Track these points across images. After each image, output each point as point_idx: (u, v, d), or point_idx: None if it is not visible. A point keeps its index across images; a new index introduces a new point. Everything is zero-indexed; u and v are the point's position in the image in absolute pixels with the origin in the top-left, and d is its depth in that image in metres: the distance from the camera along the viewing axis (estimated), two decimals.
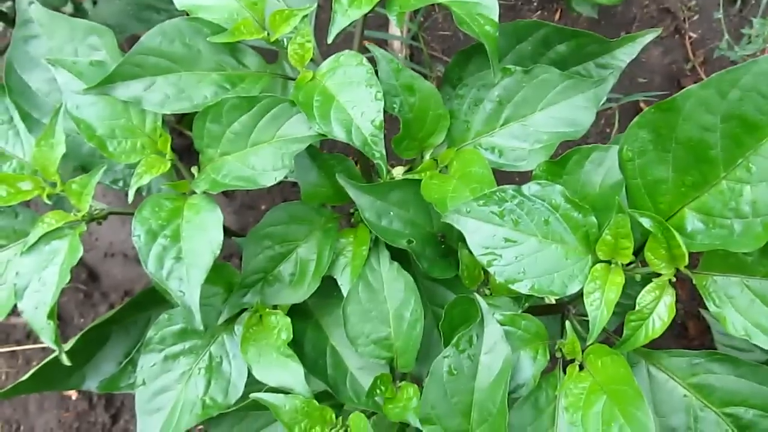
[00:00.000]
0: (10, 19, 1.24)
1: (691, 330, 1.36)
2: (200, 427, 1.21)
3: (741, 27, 1.45)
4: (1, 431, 1.45)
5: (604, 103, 1.47)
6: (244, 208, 1.53)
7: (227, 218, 1.53)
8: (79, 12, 1.47)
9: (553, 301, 0.77)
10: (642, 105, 1.50)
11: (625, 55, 0.79)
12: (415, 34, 1.47)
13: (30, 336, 1.49)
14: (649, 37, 0.78)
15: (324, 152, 0.75)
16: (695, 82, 1.58)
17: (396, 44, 1.50)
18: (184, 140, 1.02)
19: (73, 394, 1.44)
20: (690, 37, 1.53)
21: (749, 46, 1.33)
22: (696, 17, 1.53)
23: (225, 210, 1.51)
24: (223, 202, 1.51)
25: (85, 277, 1.52)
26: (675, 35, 1.55)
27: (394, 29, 1.49)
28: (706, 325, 1.20)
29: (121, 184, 0.83)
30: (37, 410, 1.45)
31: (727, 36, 1.44)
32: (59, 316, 1.51)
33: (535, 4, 1.57)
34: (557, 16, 1.56)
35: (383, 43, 1.51)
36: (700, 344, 1.32)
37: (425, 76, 1.46)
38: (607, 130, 1.51)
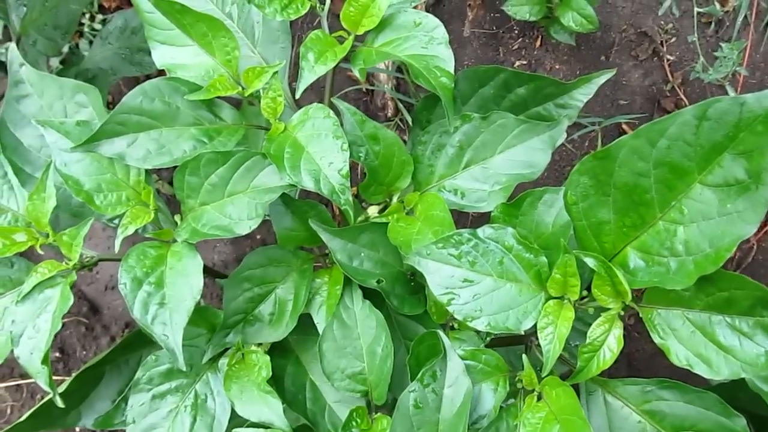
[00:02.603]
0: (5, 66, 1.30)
1: None
2: None
3: (716, 49, 1.49)
4: None
5: (586, 126, 1.51)
6: (241, 238, 1.57)
7: (224, 248, 1.58)
8: (74, 55, 1.53)
9: (522, 332, 0.81)
10: (624, 126, 1.54)
11: (582, 95, 0.84)
12: (400, 66, 1.52)
13: None
14: (603, 78, 0.82)
15: (298, 199, 0.80)
16: (675, 103, 1.61)
17: (382, 76, 1.55)
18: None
19: (76, 429, 1.48)
20: (668, 60, 1.57)
21: (721, 68, 1.37)
22: (673, 40, 1.57)
23: (222, 240, 1.56)
24: (218, 239, 1.56)
25: (87, 310, 1.57)
26: (653, 58, 1.59)
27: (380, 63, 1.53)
28: None
29: (116, 221, 0.88)
30: None
31: (702, 58, 1.48)
32: (62, 349, 1.55)
33: (516, 32, 1.61)
34: (538, 43, 1.61)
35: (370, 76, 1.57)
36: None
37: (410, 105, 1.51)
38: (591, 152, 1.55)
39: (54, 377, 1.53)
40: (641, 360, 1.50)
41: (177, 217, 0.79)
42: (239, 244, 1.59)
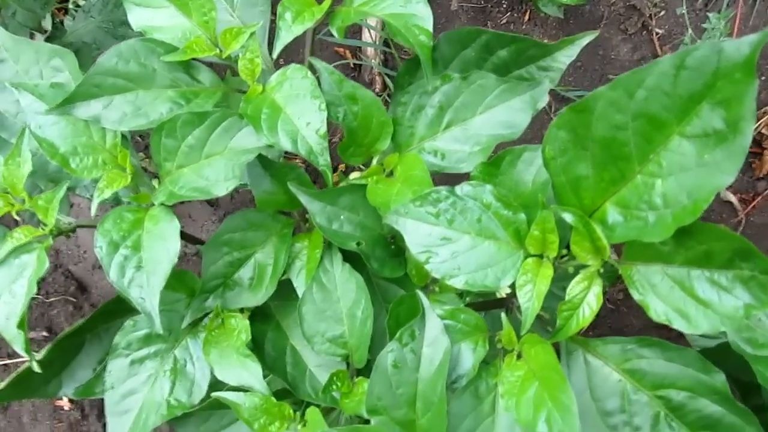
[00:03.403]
0: None
1: None
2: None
3: (704, 21, 1.48)
4: None
5: (575, 100, 1.50)
6: (228, 216, 1.56)
7: (212, 226, 1.57)
8: (58, 30, 1.52)
9: (504, 295, 0.81)
10: None
11: (564, 57, 0.82)
12: (387, 40, 1.51)
13: None
14: (586, 40, 0.81)
15: (277, 162, 0.79)
16: None
17: (370, 51, 1.54)
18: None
19: (66, 404, 1.48)
20: (657, 33, 1.56)
21: (709, 40, 1.36)
22: (662, 13, 1.56)
23: (210, 218, 1.55)
24: (208, 211, 1.55)
25: (74, 289, 1.56)
26: (642, 31, 1.58)
27: (367, 36, 1.52)
28: None
29: (91, 194, 0.87)
30: (30, 421, 1.48)
31: (690, 31, 1.47)
32: (49, 328, 1.55)
33: (504, 5, 1.60)
34: (527, 17, 1.60)
35: (357, 50, 1.55)
36: (680, 332, 1.36)
37: None
38: None
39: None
40: (630, 334, 1.50)
41: (155, 182, 0.78)
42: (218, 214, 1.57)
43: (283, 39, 0.73)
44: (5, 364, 1.55)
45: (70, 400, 1.49)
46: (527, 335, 0.66)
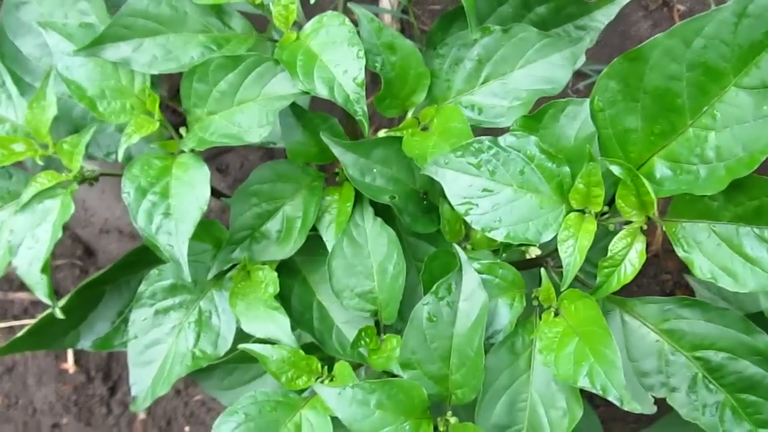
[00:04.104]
0: None
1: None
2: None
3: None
4: (0, 405, 1.47)
5: (592, 75, 1.48)
6: (238, 183, 1.54)
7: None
8: None
9: (534, 256, 0.80)
10: None
11: (603, 16, 0.81)
12: (405, 8, 1.49)
13: (27, 311, 1.51)
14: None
15: (310, 111, 0.77)
16: None
17: (387, 18, 1.52)
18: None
19: (71, 367, 1.46)
20: (678, 10, 1.54)
21: None
22: None
23: (219, 185, 1.53)
24: (217, 177, 1.53)
25: (81, 253, 1.54)
26: (663, 8, 1.56)
27: (385, 3, 1.50)
28: (693, 295, 1.22)
29: (114, 157, 0.85)
30: (35, 384, 1.47)
31: (714, 7, 1.45)
32: (57, 292, 1.53)
33: None
34: None
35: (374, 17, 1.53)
36: None
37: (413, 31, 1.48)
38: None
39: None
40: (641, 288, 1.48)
41: (182, 131, 0.77)
42: (235, 189, 1.56)
43: None
44: (11, 327, 1.53)
45: (76, 362, 1.48)
46: (568, 291, 0.65)
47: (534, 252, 0.78)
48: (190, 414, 1.43)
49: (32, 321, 1.50)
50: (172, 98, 1.13)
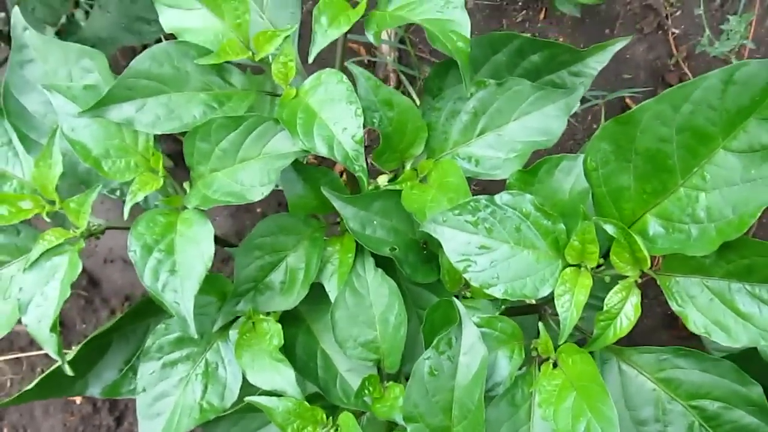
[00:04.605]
0: (5, 35, 1.28)
1: (682, 323, 1.40)
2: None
3: (722, 22, 1.48)
4: None
5: (590, 100, 1.50)
6: (241, 211, 1.56)
7: (224, 221, 1.57)
8: (71, 25, 1.51)
9: (533, 302, 0.81)
10: (627, 101, 1.53)
11: (596, 62, 0.83)
12: (402, 38, 1.50)
13: (33, 343, 1.53)
14: (619, 45, 0.82)
15: (310, 166, 0.79)
16: (679, 77, 1.60)
17: (385, 47, 1.54)
18: (181, 146, 1.06)
19: (78, 398, 1.48)
20: (673, 33, 1.56)
21: (728, 42, 1.36)
22: (678, 13, 1.56)
23: (222, 213, 1.55)
24: (218, 206, 1.54)
25: (86, 283, 1.56)
26: (658, 31, 1.58)
27: (383, 33, 1.52)
28: None
29: (118, 193, 0.87)
30: (42, 415, 1.49)
31: (708, 32, 1.47)
32: (62, 322, 1.54)
33: (519, 4, 1.59)
34: (542, 15, 1.59)
35: (372, 47, 1.55)
36: (690, 335, 1.37)
37: (413, 78, 1.50)
38: (594, 126, 1.54)
39: None
40: (641, 334, 1.50)
41: (186, 185, 0.78)
42: (239, 218, 1.58)
43: (319, 44, 0.73)
44: (17, 358, 1.54)
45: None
46: (565, 345, 0.66)
47: (534, 299, 0.80)
48: None
49: (38, 353, 1.52)
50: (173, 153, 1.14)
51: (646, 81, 1.51)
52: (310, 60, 0.73)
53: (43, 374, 0.83)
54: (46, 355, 1.50)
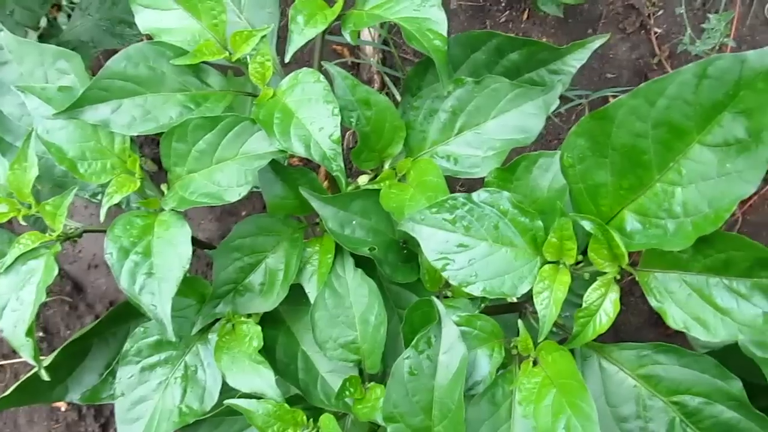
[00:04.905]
0: None
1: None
2: None
3: (703, 21, 1.48)
4: None
5: (573, 100, 1.50)
6: (225, 215, 1.55)
7: (209, 225, 1.56)
8: (53, 28, 1.50)
9: (515, 300, 0.81)
10: (611, 100, 1.54)
11: (575, 60, 0.82)
12: (386, 39, 1.50)
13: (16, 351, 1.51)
14: (598, 42, 0.81)
15: (288, 166, 0.78)
16: None
17: (368, 49, 1.53)
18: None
19: (63, 405, 1.47)
20: (655, 33, 1.56)
21: (708, 40, 1.37)
22: (660, 12, 1.57)
23: (207, 217, 1.54)
24: (205, 209, 1.54)
25: (70, 289, 1.55)
26: (641, 31, 1.58)
27: (366, 35, 1.52)
28: None
29: (99, 197, 0.86)
30: (26, 423, 1.47)
31: (689, 31, 1.47)
32: (45, 328, 1.53)
33: (503, 4, 1.60)
34: (525, 16, 1.59)
35: (356, 49, 1.55)
36: (675, 332, 1.37)
37: (397, 79, 1.50)
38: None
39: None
40: (627, 332, 1.51)
41: (164, 187, 0.77)
42: (224, 221, 1.57)
43: (296, 43, 0.73)
44: (1, 365, 1.53)
45: (68, 402, 1.48)
46: (544, 342, 0.66)
47: (513, 297, 0.79)
48: None
49: (21, 360, 1.51)
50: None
51: (630, 80, 1.51)
52: (287, 59, 0.73)
53: (20, 380, 0.81)
54: None
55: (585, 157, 0.62)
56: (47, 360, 0.81)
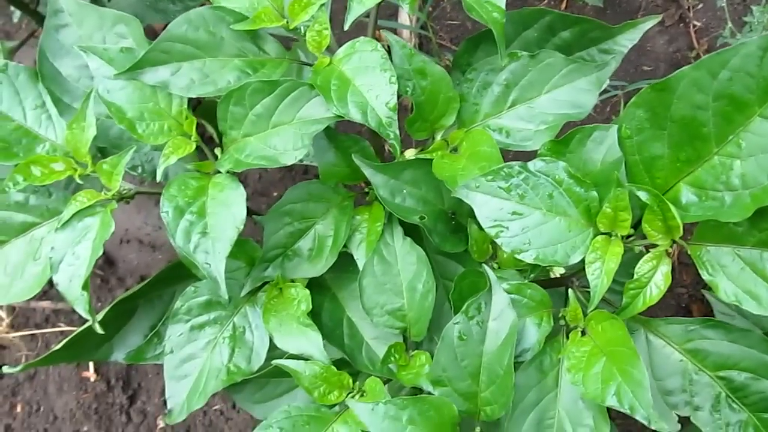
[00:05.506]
0: (31, 10, 1.29)
1: (695, 313, 1.40)
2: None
3: (744, 15, 1.48)
4: (21, 412, 1.49)
5: (609, 91, 1.50)
6: (257, 195, 1.57)
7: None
8: (96, 2, 1.51)
9: (558, 275, 0.81)
10: None
11: (626, 40, 0.83)
12: (424, 24, 1.51)
13: (49, 320, 1.54)
14: (650, 23, 0.82)
15: (342, 134, 0.79)
16: None
17: (405, 33, 1.54)
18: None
19: (92, 375, 1.48)
20: (694, 26, 1.56)
21: (750, 33, 1.37)
22: (700, 6, 1.56)
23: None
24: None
25: (102, 262, 1.57)
26: (680, 24, 1.58)
27: (404, 19, 1.52)
28: (709, 308, 1.24)
29: (140, 170, 0.88)
30: (56, 391, 1.49)
31: (730, 24, 1.47)
32: None
33: None
34: (564, 5, 1.60)
35: (393, 32, 1.55)
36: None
37: None
38: (613, 117, 1.54)
39: (71, 327, 1.51)
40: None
41: (217, 151, 0.79)
42: (255, 201, 1.58)
43: (355, 11, 0.74)
44: (32, 334, 1.55)
45: (96, 371, 1.50)
46: (594, 312, 0.66)
47: (558, 271, 0.80)
48: (209, 423, 1.45)
49: (53, 329, 1.53)
50: (193, 111, 1.15)
51: (666, 73, 1.51)
52: (346, 27, 0.74)
53: (71, 335, 0.83)
54: (62, 332, 1.51)
55: (643, 128, 0.62)
56: (99, 315, 0.82)
